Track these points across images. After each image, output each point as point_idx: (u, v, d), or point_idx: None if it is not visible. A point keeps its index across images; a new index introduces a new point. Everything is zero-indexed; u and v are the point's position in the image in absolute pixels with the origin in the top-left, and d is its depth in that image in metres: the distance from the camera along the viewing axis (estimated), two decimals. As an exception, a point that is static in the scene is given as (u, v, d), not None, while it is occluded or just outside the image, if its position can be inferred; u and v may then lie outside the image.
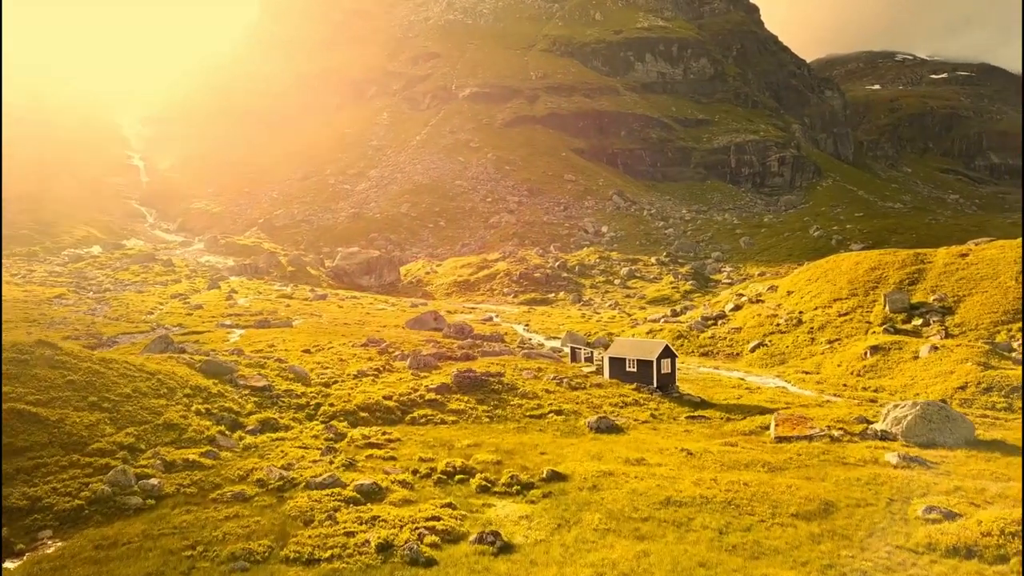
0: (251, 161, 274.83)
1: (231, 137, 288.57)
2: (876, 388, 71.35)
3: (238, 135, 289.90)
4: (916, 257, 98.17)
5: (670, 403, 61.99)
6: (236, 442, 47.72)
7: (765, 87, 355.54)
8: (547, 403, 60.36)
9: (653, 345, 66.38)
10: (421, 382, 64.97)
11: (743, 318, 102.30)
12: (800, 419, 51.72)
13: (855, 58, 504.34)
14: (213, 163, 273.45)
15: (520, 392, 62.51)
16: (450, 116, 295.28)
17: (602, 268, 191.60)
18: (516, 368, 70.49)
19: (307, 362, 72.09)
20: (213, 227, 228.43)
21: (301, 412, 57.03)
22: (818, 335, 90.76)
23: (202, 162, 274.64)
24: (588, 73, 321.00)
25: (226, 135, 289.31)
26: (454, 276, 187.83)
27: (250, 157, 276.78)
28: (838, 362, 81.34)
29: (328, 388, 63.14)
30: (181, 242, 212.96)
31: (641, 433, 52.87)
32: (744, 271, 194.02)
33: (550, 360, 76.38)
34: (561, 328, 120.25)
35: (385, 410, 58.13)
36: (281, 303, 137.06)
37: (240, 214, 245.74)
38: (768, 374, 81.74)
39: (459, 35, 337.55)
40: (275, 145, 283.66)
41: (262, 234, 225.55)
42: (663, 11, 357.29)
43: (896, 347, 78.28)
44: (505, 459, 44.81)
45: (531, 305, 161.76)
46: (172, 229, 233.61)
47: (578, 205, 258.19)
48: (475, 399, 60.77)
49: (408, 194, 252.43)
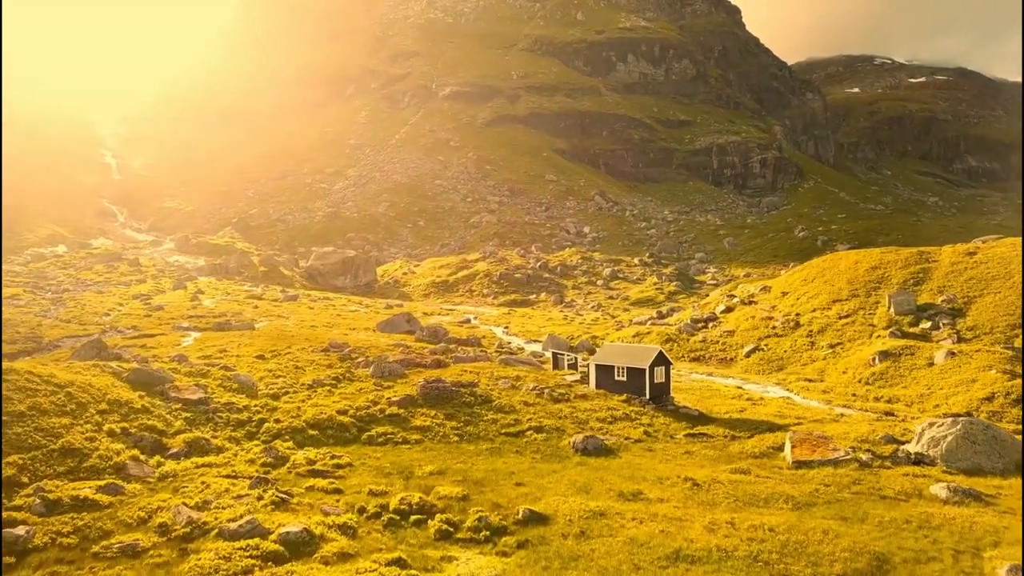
0: (227, 160, 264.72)
1: (206, 136, 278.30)
2: (890, 398, 63.44)
3: (213, 133, 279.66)
4: (920, 256, 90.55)
5: (665, 417, 53.70)
6: (152, 470, 39.02)
7: (747, 89, 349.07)
8: (526, 418, 51.95)
9: (645, 351, 58.08)
10: (383, 393, 56.42)
11: (736, 320, 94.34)
12: (820, 439, 43.56)
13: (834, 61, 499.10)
14: (188, 162, 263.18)
15: (495, 405, 54.06)
16: (430, 115, 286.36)
17: (584, 269, 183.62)
18: (492, 377, 62.06)
19: (258, 370, 63.35)
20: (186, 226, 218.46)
21: (240, 430, 48.35)
22: (818, 339, 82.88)
23: (176, 160, 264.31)
24: (570, 73, 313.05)
25: (201, 133, 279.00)
26: (432, 277, 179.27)
27: (226, 156, 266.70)
28: (843, 368, 73.45)
29: (276, 401, 54.45)
30: (151, 241, 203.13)
31: (635, 456, 44.52)
32: (729, 272, 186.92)
33: (529, 367, 67.97)
34: (542, 331, 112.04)
35: (339, 427, 49.53)
36: (249, 304, 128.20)
37: (214, 213, 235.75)
38: (767, 382, 73.73)
39: (440, 34, 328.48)
40: (251, 143, 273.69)
41: (236, 234, 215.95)
42: (645, 12, 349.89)
43: (907, 352, 70.48)
44: (473, 492, 36.34)
45: (511, 307, 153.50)
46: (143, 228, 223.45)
47: (560, 205, 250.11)
48: (443, 414, 52.27)
49: (387, 193, 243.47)
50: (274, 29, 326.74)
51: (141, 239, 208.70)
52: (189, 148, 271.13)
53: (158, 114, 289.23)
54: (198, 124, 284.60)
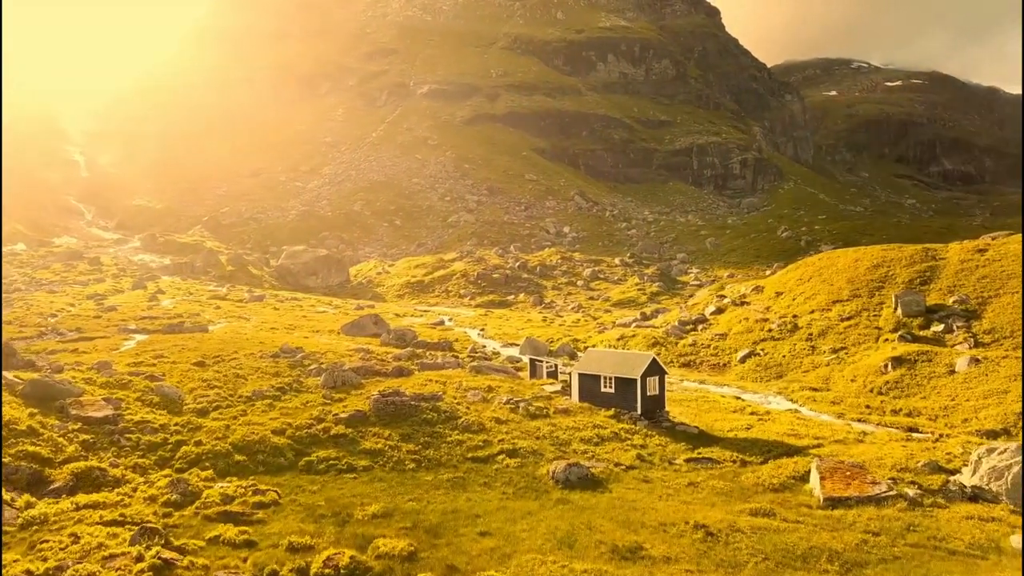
0: (198, 157, 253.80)
1: (178, 133, 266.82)
2: (910, 411, 55.22)
3: (185, 131, 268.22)
4: (925, 253, 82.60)
5: (660, 437, 45.08)
6: (16, 514, 29.95)
7: (726, 90, 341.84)
8: (497, 439, 43.17)
9: (636, 359, 49.38)
10: (331, 408, 47.46)
11: (727, 322, 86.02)
12: (853, 469, 35.10)
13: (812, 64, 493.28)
14: (158, 159, 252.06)
15: (462, 423, 45.21)
16: (408, 113, 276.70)
17: (564, 269, 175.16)
18: (460, 387, 53.25)
19: (191, 379, 54.19)
20: (155, 225, 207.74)
21: (151, 455, 39.33)
22: (819, 343, 74.67)
23: (147, 158, 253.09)
24: (550, 72, 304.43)
25: (172, 131, 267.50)
26: (407, 277, 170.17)
27: (197, 153, 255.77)
28: (851, 376, 65.22)
29: (203, 417, 45.38)
30: (116, 240, 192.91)
31: (628, 488, 35.85)
32: (712, 273, 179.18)
33: (504, 376, 59.15)
34: (520, 333, 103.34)
35: (272, 451, 40.57)
36: (211, 305, 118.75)
37: (184, 211, 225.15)
38: (767, 391, 65.44)
39: (417, 31, 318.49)
40: (224, 141, 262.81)
41: (206, 232, 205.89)
42: (625, 11, 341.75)
43: (924, 359, 62.37)
44: (424, 546, 27.53)
45: (489, 308, 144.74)
46: (110, 227, 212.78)
47: (539, 205, 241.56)
48: (399, 434, 43.37)
49: (363, 192, 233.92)
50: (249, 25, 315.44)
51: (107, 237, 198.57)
52: (160, 145, 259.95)
53: (128, 110, 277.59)
54: (170, 121, 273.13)
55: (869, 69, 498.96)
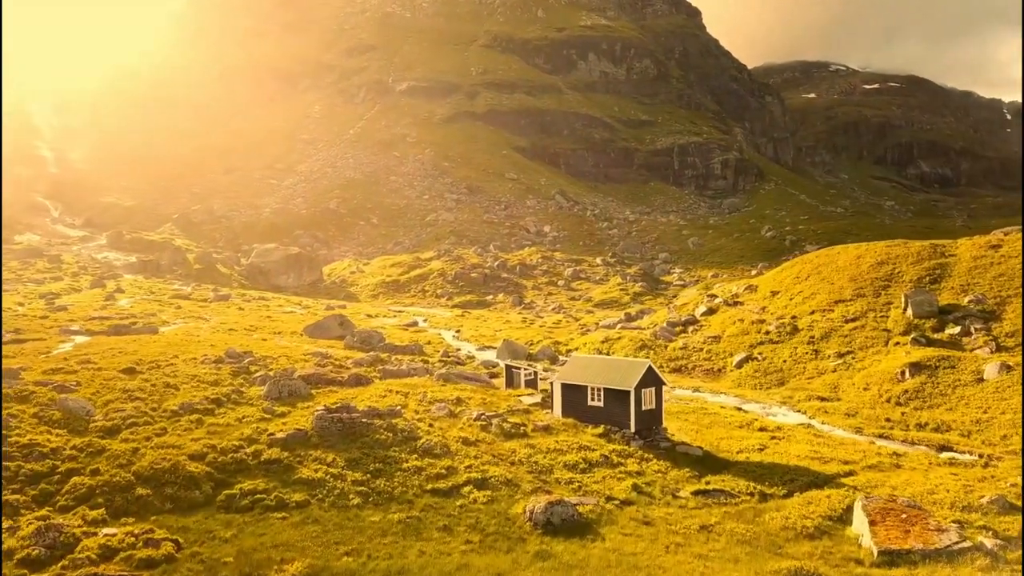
0: (171, 154, 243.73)
1: (150, 129, 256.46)
2: (938, 425, 47.76)
3: (158, 127, 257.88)
4: (934, 249, 75.42)
5: (660, 461, 37.25)
6: None
7: (707, 90, 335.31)
8: (464, 464, 35.17)
9: (628, 368, 41.46)
10: (268, 426, 39.28)
11: (720, 324, 78.47)
12: (909, 510, 27.42)
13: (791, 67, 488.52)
14: (130, 156, 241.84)
15: (422, 444, 37.15)
16: (386, 110, 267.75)
17: (545, 268, 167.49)
18: (424, 399, 45.20)
19: (112, 390, 45.74)
20: (124, 222, 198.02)
21: (31, 488, 31.02)
22: (822, 347, 67.27)
23: (118, 154, 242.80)
24: (530, 70, 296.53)
25: (145, 127, 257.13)
26: (382, 276, 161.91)
27: (170, 150, 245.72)
28: (862, 383, 57.79)
29: (110, 438, 37.01)
30: (82, 237, 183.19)
31: (626, 535, 27.97)
32: (696, 273, 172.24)
33: (476, 385, 51.09)
34: (498, 335, 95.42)
35: (186, 482, 32.36)
36: (172, 305, 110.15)
37: (155, 209, 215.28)
38: (769, 400, 57.90)
39: (397, 28, 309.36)
40: (198, 138, 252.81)
41: (176, 230, 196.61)
42: (606, 11, 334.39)
43: (945, 365, 55.05)
44: (352, 634, 19.55)
45: (466, 308, 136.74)
46: (77, 224, 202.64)
47: (520, 204, 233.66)
48: (345, 459, 35.25)
49: (339, 190, 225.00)
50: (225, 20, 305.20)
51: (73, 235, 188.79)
52: (132, 142, 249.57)
53: (100, 105, 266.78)
54: (143, 117, 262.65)
55: (847, 72, 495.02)
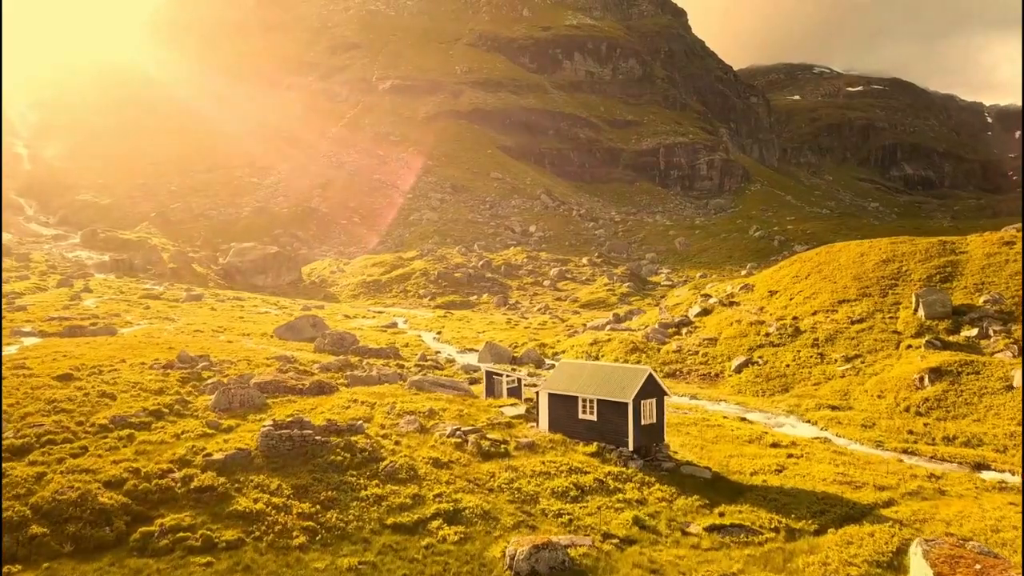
0: (151, 152, 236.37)
1: (129, 126, 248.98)
2: (967, 439, 42.37)
3: (138, 124, 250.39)
4: (943, 246, 70.26)
5: (664, 486, 31.55)
6: None
7: (692, 91, 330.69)
8: (433, 492, 29.35)
9: (625, 376, 35.66)
10: (209, 442, 33.33)
11: (716, 325, 72.98)
12: (983, 559, 21.89)
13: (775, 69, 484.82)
14: (108, 153, 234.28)
15: (386, 467, 31.27)
16: (369, 109, 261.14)
17: (530, 268, 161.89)
18: (393, 411, 39.30)
19: (36, 400, 39.64)
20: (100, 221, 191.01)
21: (-100, 529, 25.08)
22: (828, 350, 61.90)
23: (95, 152, 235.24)
24: (515, 69, 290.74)
25: (124, 124, 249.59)
26: (363, 276, 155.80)
27: (149, 148, 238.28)
28: (876, 391, 52.37)
29: (16, 460, 30.90)
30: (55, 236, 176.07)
31: (630, 589, 22.26)
32: (684, 273, 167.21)
33: (453, 393, 45.20)
34: (481, 337, 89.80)
35: (95, 516, 26.42)
36: (140, 305, 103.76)
37: (133, 207, 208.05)
38: (774, 408, 52.38)
39: (380, 26, 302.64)
40: (178, 136, 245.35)
41: (153, 229, 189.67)
42: (592, 10, 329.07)
43: (968, 371, 49.73)
44: None
45: (449, 309, 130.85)
46: (51, 223, 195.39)
47: (505, 204, 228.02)
48: (293, 484, 29.34)
49: (321, 188, 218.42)
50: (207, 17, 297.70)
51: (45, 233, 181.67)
52: (110, 139, 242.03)
53: (78, 102, 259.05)
54: (121, 114, 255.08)
55: (831, 74, 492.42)
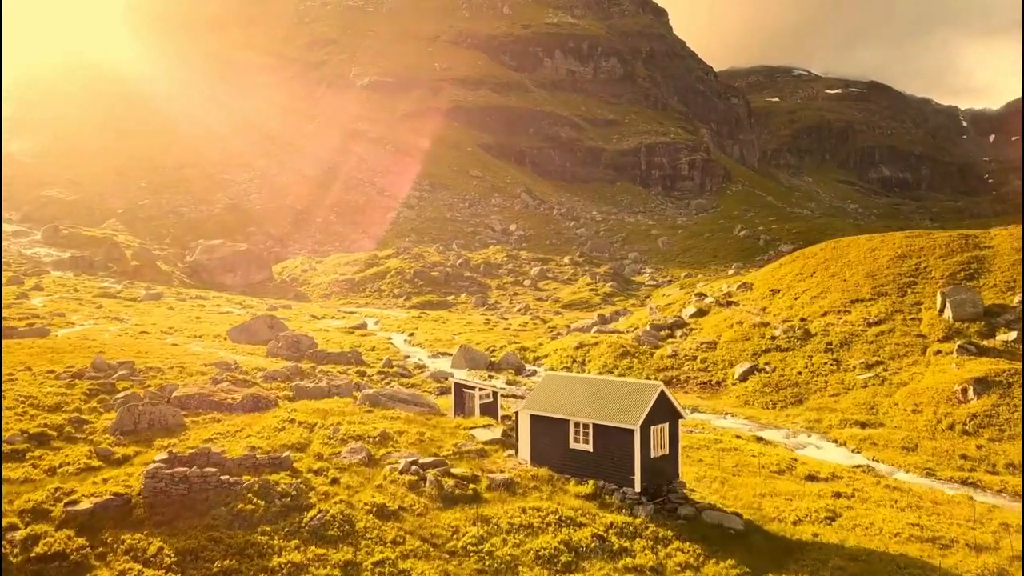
0: (121, 148, 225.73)
1: (100, 122, 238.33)
2: (1037, 467, 34.41)
3: (109, 120, 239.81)
4: (965, 241, 62.71)
5: (682, 543, 23.25)
6: None
7: (673, 91, 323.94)
8: (372, 559, 20.82)
9: (630, 394, 27.29)
10: (86, 481, 24.66)
11: (715, 327, 65.00)
12: None
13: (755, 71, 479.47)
14: (76, 149, 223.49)
15: (313, 518, 22.75)
16: (347, 105, 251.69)
17: (510, 267, 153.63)
18: (336, 434, 30.74)
19: None
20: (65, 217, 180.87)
21: None
22: (844, 355, 54.05)
23: (63, 147, 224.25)
24: (496, 67, 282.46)
25: (94, 119, 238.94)
26: (336, 275, 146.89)
27: (121, 144, 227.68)
28: (909, 404, 44.49)
29: None
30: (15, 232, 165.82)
31: None
32: (668, 273, 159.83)
33: (415, 410, 36.64)
34: (456, 340, 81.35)
35: None
36: (92, 304, 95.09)
37: (100, 204, 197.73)
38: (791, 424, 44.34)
39: (359, 22, 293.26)
40: (151, 131, 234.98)
41: (120, 226, 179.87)
42: (573, 8, 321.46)
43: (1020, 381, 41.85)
44: None
45: (425, 309, 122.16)
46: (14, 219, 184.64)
47: (484, 202, 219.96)
48: (178, 547, 20.70)
49: (296, 186, 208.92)
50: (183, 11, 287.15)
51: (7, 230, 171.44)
52: (79, 134, 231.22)
53: (46, 96, 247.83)
54: (91, 109, 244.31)
55: (810, 77, 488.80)
